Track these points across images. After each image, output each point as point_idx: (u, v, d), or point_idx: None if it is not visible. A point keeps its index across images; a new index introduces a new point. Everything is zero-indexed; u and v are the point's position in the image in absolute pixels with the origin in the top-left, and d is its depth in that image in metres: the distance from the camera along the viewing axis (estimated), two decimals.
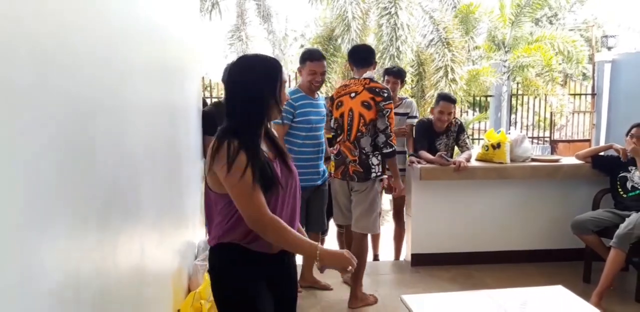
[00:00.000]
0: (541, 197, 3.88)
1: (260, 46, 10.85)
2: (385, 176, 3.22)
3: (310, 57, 3.13)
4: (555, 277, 3.42)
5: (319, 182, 3.26)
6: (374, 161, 2.97)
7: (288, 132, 3.13)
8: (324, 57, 3.23)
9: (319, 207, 3.29)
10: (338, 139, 3.15)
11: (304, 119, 3.11)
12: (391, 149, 2.95)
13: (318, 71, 3.11)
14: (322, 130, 3.23)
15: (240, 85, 1.59)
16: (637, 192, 3.39)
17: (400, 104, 3.90)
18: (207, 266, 2.66)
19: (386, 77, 3.89)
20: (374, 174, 2.98)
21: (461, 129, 3.86)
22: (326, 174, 3.31)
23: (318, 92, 3.29)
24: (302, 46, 16.93)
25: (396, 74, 3.87)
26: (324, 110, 3.25)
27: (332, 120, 3.24)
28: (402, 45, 9.00)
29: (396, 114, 3.71)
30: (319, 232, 3.40)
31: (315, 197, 3.27)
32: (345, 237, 3.57)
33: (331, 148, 3.35)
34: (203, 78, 7.49)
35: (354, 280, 3.05)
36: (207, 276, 2.53)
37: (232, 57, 9.62)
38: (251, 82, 1.57)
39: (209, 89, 8.72)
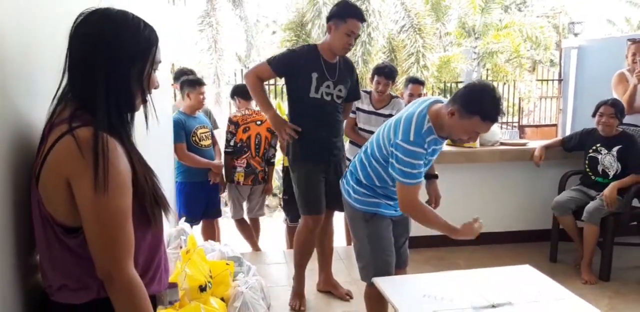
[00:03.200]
0: (509, 180, 3.97)
1: (231, 32, 10.69)
2: None
3: (485, 114, 1.93)
4: (523, 257, 3.52)
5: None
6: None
7: (384, 167, 2.15)
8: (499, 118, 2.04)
9: (406, 236, 2.54)
10: (244, 155, 3.87)
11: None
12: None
13: (481, 132, 2.04)
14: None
15: (107, 50, 1.11)
16: (607, 180, 3.41)
17: (387, 105, 3.69)
18: (179, 254, 2.66)
19: (376, 78, 3.66)
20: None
21: None
22: None
23: None
24: (274, 33, 16.77)
25: (388, 75, 3.63)
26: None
27: (233, 141, 3.86)
28: (373, 31, 9.01)
29: (380, 115, 3.68)
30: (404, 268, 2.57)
31: (399, 226, 2.41)
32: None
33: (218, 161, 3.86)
34: (173, 65, 7.35)
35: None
36: (178, 264, 2.52)
37: (202, 44, 9.46)
38: (119, 48, 1.12)
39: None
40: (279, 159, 4.48)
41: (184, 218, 3.20)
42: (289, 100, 2.90)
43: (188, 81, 3.73)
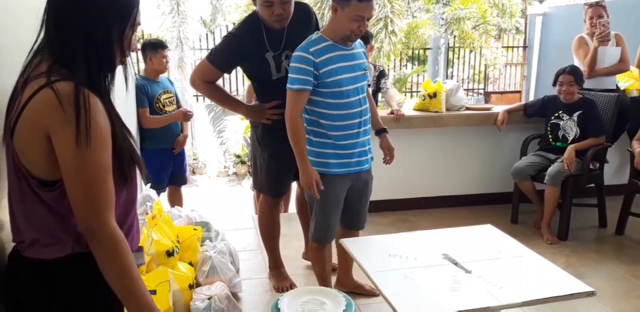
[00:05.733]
0: (473, 144, 4.05)
1: None
2: None
3: None
4: (485, 219, 3.62)
5: (366, 167, 2.41)
6: None
7: (311, 101, 2.24)
8: None
9: (366, 200, 2.52)
10: None
11: (334, 80, 2.19)
12: None
13: (366, 16, 2.12)
14: (362, 92, 2.31)
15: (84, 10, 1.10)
16: (566, 144, 3.49)
17: None
18: (145, 220, 2.63)
19: None
20: None
21: (382, 74, 3.89)
22: (371, 155, 2.44)
23: None
24: None
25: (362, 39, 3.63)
26: (363, 61, 2.32)
27: None
28: None
29: None
30: (358, 230, 2.63)
31: (358, 187, 2.43)
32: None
33: None
34: (142, 31, 7.02)
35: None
36: (145, 230, 2.49)
37: (164, 7, 9.10)
38: (100, 6, 1.11)
39: (140, 40, 8.25)
40: (247, 125, 4.43)
41: (149, 184, 3.15)
42: (253, 82, 2.69)
43: (150, 44, 3.61)
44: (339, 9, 2.13)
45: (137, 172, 1.24)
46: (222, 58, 2.44)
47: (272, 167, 2.65)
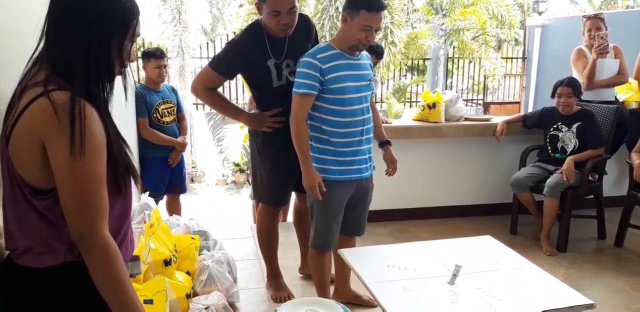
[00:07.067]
0: (473, 154, 4.05)
1: (196, 4, 10.37)
2: None
3: (369, 6, 2.14)
4: (484, 229, 3.61)
5: (367, 175, 2.44)
6: None
7: (315, 106, 2.28)
8: (386, 7, 2.29)
9: (365, 207, 2.54)
10: None
11: (338, 87, 2.24)
12: None
13: (374, 27, 2.18)
14: (366, 101, 2.35)
15: (85, 17, 1.10)
16: (565, 156, 3.49)
17: None
18: (143, 229, 2.61)
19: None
20: None
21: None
22: (372, 163, 2.48)
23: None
24: (240, 6, 16.38)
25: (375, 53, 3.54)
26: (369, 72, 2.37)
27: None
28: (341, 5, 8.88)
29: None
30: (355, 236, 2.65)
31: (358, 194, 2.45)
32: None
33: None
34: (143, 39, 7.02)
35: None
36: (142, 238, 2.48)
37: (166, 16, 9.17)
38: (99, 16, 1.11)
39: (141, 48, 8.29)
40: (246, 134, 4.43)
41: (147, 193, 3.14)
42: (253, 90, 2.69)
43: (144, 53, 3.65)
44: (349, 18, 2.19)
45: (133, 183, 1.24)
46: (224, 64, 2.46)
47: (272, 176, 2.65)
